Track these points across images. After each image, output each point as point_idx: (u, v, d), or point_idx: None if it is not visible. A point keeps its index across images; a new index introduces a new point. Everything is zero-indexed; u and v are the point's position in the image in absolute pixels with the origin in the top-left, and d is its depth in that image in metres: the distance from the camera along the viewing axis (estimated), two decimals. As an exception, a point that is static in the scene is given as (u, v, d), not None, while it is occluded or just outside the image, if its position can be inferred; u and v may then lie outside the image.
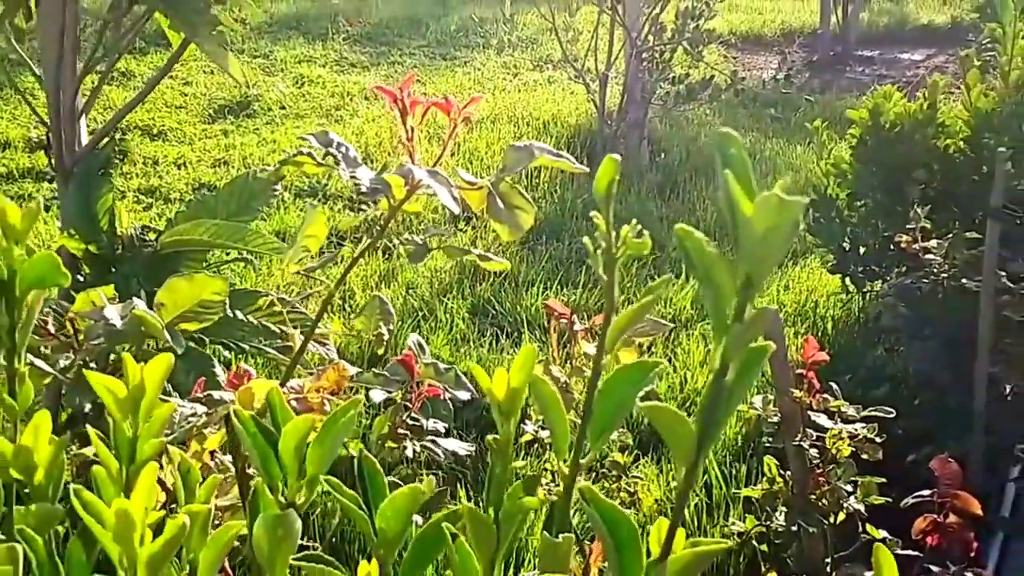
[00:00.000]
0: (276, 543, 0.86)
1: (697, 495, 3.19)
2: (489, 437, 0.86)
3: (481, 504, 0.92)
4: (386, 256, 4.81)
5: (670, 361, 3.96)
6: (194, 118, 6.93)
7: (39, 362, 1.21)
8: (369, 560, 0.97)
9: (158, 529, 0.87)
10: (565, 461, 0.90)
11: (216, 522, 1.36)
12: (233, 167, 6.05)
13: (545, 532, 0.87)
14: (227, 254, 3.44)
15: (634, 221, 0.90)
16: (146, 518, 0.83)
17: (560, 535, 0.87)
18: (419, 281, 4.58)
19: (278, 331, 2.70)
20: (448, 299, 4.37)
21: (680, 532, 0.83)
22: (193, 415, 1.48)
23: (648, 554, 0.83)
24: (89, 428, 0.90)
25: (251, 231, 2.77)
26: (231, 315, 2.69)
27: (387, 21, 9.34)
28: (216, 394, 1.47)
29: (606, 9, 6.18)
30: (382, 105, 7.13)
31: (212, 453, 1.60)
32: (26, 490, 0.95)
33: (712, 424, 0.75)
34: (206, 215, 2.94)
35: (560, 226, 5.18)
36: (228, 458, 1.62)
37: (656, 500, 3.00)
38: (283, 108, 7.20)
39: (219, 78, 7.53)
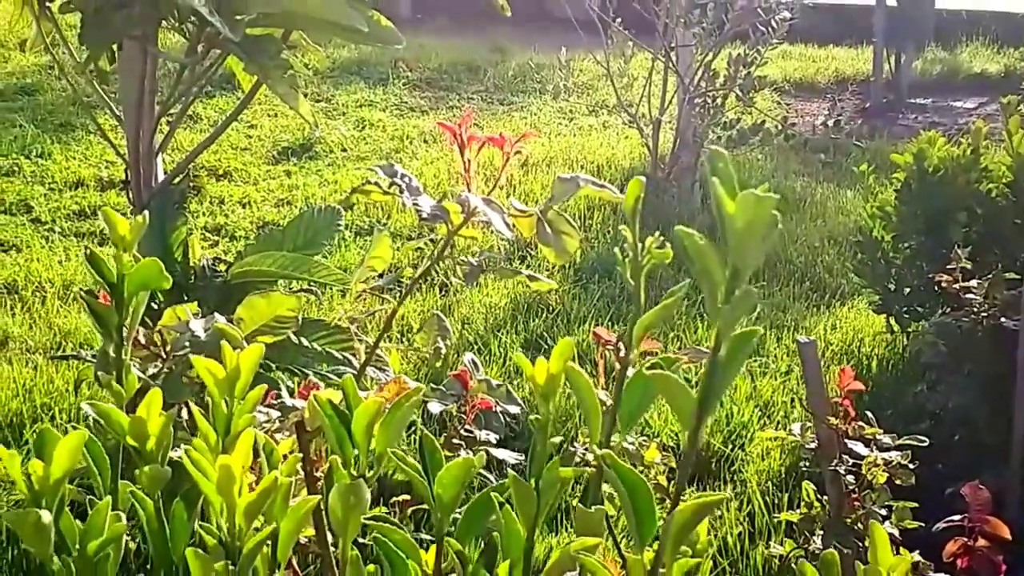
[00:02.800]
0: (348, 509, 1.01)
1: (740, 523, 3.30)
2: (532, 417, 1.00)
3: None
4: (442, 292, 4.97)
5: (717, 396, 4.06)
6: (258, 159, 7.14)
7: (133, 369, 1.37)
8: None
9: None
10: (599, 444, 1.03)
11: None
12: (296, 207, 6.24)
13: (580, 503, 1.01)
14: (290, 287, 3.59)
15: (658, 234, 1.04)
16: (243, 475, 0.97)
17: (593, 506, 1.01)
18: (474, 316, 4.74)
19: (341, 357, 2.86)
20: (502, 334, 4.52)
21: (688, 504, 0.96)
22: (267, 420, 1.63)
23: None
24: (192, 405, 1.05)
25: (316, 262, 2.92)
26: (296, 341, 2.85)
27: (445, 66, 9.54)
28: (288, 401, 1.62)
29: (660, 56, 6.33)
30: (440, 148, 7.30)
31: (283, 457, 1.75)
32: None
33: (710, 394, 0.88)
34: (273, 249, 3.11)
35: (611, 265, 5.32)
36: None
37: (699, 525, 3.11)
38: (344, 150, 7.40)
39: (283, 121, 7.75)
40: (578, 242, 1.57)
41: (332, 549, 1.68)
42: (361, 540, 1.29)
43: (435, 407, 1.82)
